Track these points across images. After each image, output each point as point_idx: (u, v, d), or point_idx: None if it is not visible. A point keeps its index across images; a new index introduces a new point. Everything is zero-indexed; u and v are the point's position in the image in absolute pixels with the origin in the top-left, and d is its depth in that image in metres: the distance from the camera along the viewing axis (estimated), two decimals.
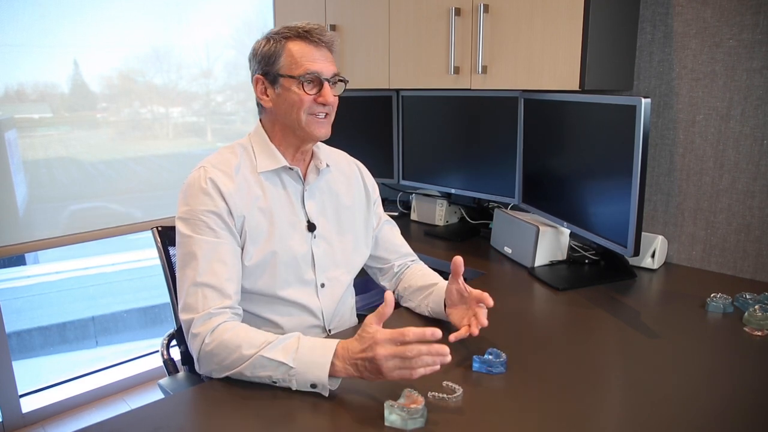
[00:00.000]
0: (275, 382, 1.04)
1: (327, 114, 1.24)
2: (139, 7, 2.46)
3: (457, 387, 1.03)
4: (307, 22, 1.21)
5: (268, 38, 1.22)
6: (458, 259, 1.20)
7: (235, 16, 2.79)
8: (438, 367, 0.98)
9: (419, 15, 2.04)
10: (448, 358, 0.97)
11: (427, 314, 1.36)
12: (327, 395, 1.02)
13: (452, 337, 1.13)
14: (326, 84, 1.21)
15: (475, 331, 1.15)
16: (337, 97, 1.25)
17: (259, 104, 1.28)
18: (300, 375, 1.02)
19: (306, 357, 1.02)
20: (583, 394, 1.04)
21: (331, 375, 1.01)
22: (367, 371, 0.99)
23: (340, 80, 1.25)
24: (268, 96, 1.24)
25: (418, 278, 1.42)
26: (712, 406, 1.00)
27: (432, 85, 2.05)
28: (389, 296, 1.00)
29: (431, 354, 0.96)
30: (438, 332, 0.96)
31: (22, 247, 2.31)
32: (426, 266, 1.50)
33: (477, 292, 1.19)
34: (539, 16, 1.68)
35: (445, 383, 1.05)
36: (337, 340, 1.04)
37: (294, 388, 1.03)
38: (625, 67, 1.78)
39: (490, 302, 1.16)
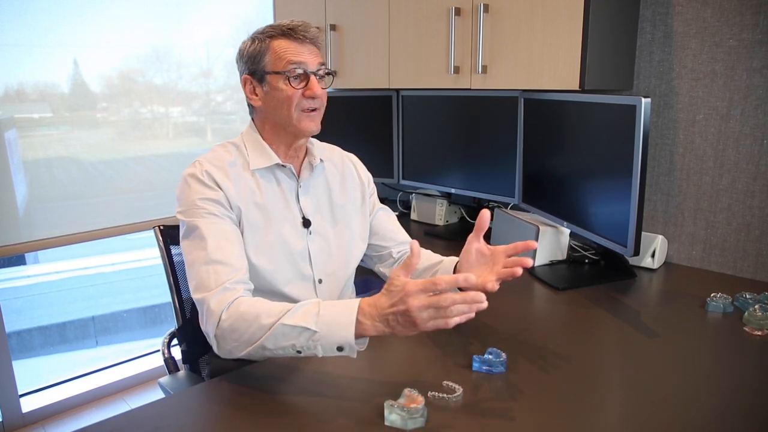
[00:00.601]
0: (299, 352, 1.01)
1: (317, 108, 1.24)
2: (139, 7, 2.46)
3: (457, 387, 1.03)
4: (291, 20, 1.22)
5: (253, 38, 1.23)
6: (485, 213, 1.12)
7: (235, 16, 2.80)
8: (473, 314, 0.93)
9: (419, 15, 2.04)
10: (485, 305, 0.92)
11: None
12: (355, 356, 1.00)
13: (491, 284, 1.06)
14: (312, 77, 1.21)
15: (519, 272, 1.06)
16: (325, 91, 1.25)
17: (249, 104, 1.29)
18: (325, 338, 0.98)
19: (329, 318, 0.99)
20: (583, 394, 1.04)
21: (359, 335, 0.98)
22: (399, 325, 0.95)
23: (328, 73, 1.25)
24: (257, 95, 1.24)
25: (423, 260, 1.39)
26: (712, 405, 1.00)
27: (432, 84, 2.05)
28: (415, 245, 0.96)
29: (466, 302, 0.91)
30: (472, 277, 0.91)
31: (22, 246, 2.31)
32: (427, 250, 1.46)
33: (504, 246, 1.12)
34: (539, 16, 1.68)
35: (445, 383, 1.05)
36: (358, 299, 1.01)
37: (320, 355, 1.00)
38: (625, 66, 1.78)
39: (535, 243, 1.09)
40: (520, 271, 1.06)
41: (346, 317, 0.98)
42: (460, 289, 0.98)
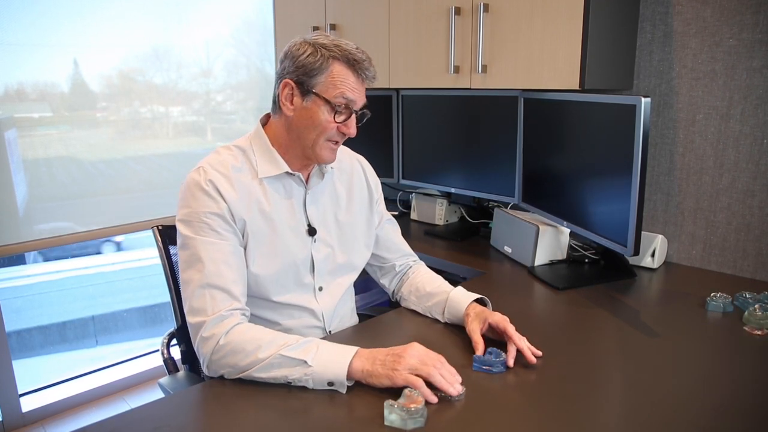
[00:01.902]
0: (290, 382, 1.04)
1: (339, 141, 1.23)
2: (139, 7, 2.46)
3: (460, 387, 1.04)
4: (356, 48, 1.18)
5: (316, 49, 1.16)
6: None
7: (234, 16, 2.79)
8: (435, 399, 0.99)
9: (419, 14, 2.04)
10: (456, 391, 1.01)
11: (441, 320, 1.35)
12: (344, 392, 1.03)
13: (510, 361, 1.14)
14: (353, 116, 1.20)
15: (532, 360, 1.14)
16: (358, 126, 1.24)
17: (275, 102, 1.23)
18: (317, 374, 1.03)
19: (325, 357, 1.04)
20: (583, 394, 1.04)
21: (348, 375, 1.03)
22: (380, 365, 1.02)
23: (364, 111, 1.24)
24: (292, 105, 1.19)
25: (426, 282, 1.41)
26: (712, 405, 1.00)
27: (432, 84, 2.05)
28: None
29: (445, 377, 1.01)
30: (463, 390, 1.02)
31: (22, 246, 2.31)
32: (428, 268, 1.50)
33: (507, 328, 1.17)
34: (539, 16, 1.68)
35: None
36: (357, 347, 1.06)
37: (310, 387, 1.04)
38: (625, 66, 1.78)
39: (533, 360, 1.14)
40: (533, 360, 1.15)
41: (342, 357, 1.04)
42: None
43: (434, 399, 0.99)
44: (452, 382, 1.02)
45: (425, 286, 1.40)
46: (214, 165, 1.19)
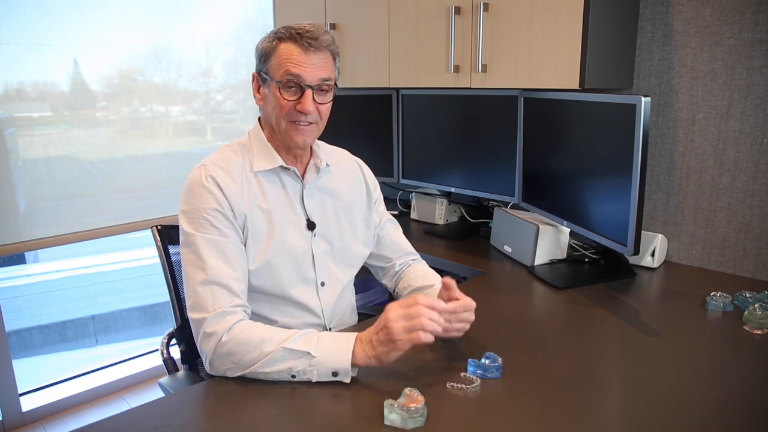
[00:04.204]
0: (294, 376, 1.05)
1: (310, 122, 1.21)
2: (139, 6, 2.46)
3: (475, 378, 1.05)
4: (305, 24, 1.18)
5: (268, 35, 1.21)
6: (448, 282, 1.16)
7: (234, 15, 2.79)
8: (440, 329, 1.02)
9: (419, 14, 2.04)
10: (447, 323, 1.06)
11: None
12: (349, 381, 1.04)
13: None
14: (308, 92, 1.17)
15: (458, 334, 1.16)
16: (323, 105, 1.21)
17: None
18: (321, 364, 1.04)
19: (327, 346, 1.05)
20: (582, 393, 1.04)
21: (352, 363, 1.04)
22: (381, 345, 1.02)
23: (323, 85, 1.20)
24: (260, 94, 1.24)
25: (418, 278, 1.42)
26: (712, 404, 1.00)
27: (432, 83, 2.05)
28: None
29: (434, 308, 1.02)
30: (442, 304, 1.05)
31: (22, 245, 2.31)
32: (427, 265, 1.50)
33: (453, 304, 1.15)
34: (539, 15, 1.68)
35: (462, 374, 1.07)
36: (356, 333, 1.08)
37: (314, 380, 1.05)
38: (625, 65, 1.78)
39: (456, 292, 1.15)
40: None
41: (344, 346, 1.05)
42: None
43: (442, 328, 1.03)
44: (438, 320, 1.02)
45: (416, 282, 1.41)
46: (215, 161, 1.22)
